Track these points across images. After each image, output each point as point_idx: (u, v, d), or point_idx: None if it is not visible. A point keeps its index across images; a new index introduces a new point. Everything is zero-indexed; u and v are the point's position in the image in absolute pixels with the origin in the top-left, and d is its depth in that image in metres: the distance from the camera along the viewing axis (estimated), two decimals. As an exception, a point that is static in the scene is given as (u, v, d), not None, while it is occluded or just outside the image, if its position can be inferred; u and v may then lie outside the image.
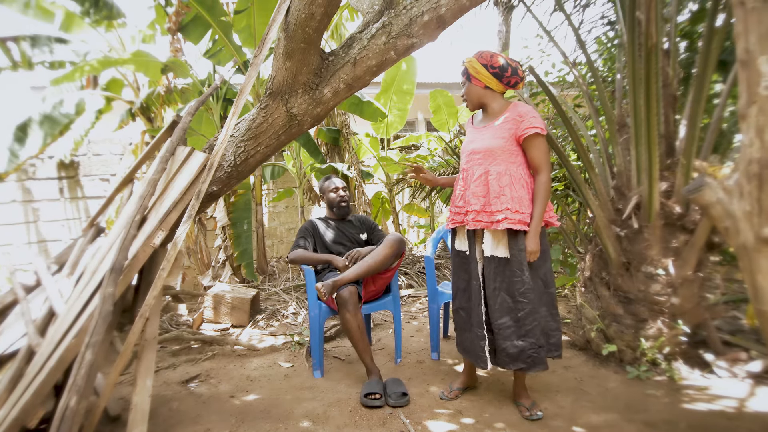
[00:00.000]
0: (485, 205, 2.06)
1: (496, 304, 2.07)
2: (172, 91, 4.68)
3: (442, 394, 2.33)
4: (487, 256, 2.09)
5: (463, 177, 2.18)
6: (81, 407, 1.66)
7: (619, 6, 2.85)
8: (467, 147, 2.18)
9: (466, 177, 2.16)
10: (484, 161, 2.09)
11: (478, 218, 2.07)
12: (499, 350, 2.09)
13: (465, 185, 2.16)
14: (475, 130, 2.19)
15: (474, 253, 2.17)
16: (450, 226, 2.26)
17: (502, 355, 2.08)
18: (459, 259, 2.25)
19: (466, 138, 2.24)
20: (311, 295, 2.63)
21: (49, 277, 2.43)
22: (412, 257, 5.38)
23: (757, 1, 1.20)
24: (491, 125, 2.12)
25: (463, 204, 2.15)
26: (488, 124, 2.13)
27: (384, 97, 5.85)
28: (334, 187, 3.00)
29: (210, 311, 3.71)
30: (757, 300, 1.31)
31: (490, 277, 2.09)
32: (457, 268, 2.27)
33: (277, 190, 6.38)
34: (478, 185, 2.09)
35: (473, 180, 2.11)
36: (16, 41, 4.18)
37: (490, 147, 2.08)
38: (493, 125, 2.11)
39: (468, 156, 2.15)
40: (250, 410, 2.29)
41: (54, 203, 5.32)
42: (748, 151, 1.25)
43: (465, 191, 2.15)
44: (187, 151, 2.25)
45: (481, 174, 2.08)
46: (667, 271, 2.53)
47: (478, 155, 2.11)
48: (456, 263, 2.28)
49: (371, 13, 2.16)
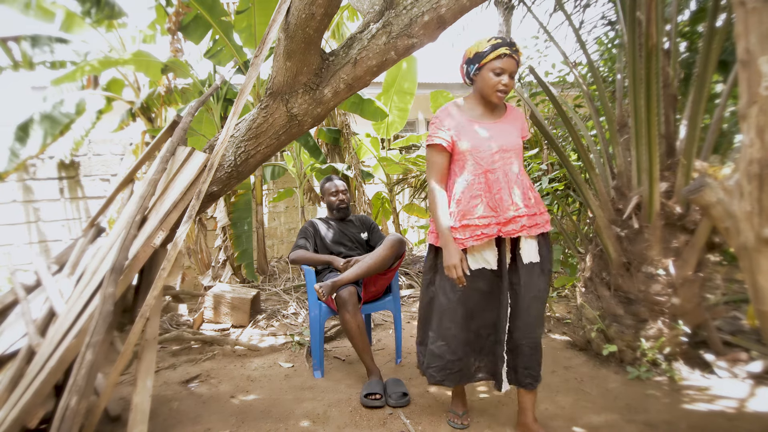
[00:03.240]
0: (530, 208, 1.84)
1: (531, 316, 1.85)
2: (172, 91, 4.69)
3: (452, 422, 2.05)
4: (526, 264, 1.85)
5: (492, 180, 1.83)
6: (81, 407, 1.66)
7: (619, 6, 2.85)
8: (488, 145, 1.83)
9: (495, 179, 1.83)
10: (516, 159, 1.86)
11: (527, 223, 1.82)
12: (524, 368, 1.87)
13: (496, 188, 1.82)
14: (485, 125, 1.88)
15: (503, 266, 1.87)
16: (476, 242, 1.82)
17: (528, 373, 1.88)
18: (475, 279, 1.86)
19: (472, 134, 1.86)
20: (311, 296, 2.63)
21: (49, 277, 2.43)
22: (413, 257, 5.38)
23: (757, 2, 1.20)
24: (505, 119, 1.91)
25: (499, 211, 1.81)
26: (499, 120, 1.90)
27: (384, 97, 5.85)
28: (334, 189, 3.00)
29: (210, 311, 3.71)
30: (757, 300, 1.31)
31: (528, 287, 1.84)
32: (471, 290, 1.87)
33: (277, 190, 6.38)
34: (519, 186, 1.84)
35: (512, 181, 1.83)
36: (17, 41, 4.19)
37: (519, 144, 1.88)
38: (507, 119, 1.91)
39: (494, 155, 1.83)
40: (250, 410, 2.29)
41: (54, 203, 5.32)
42: (749, 152, 1.25)
43: (499, 195, 1.82)
44: (187, 152, 2.25)
45: (517, 173, 1.85)
46: (667, 272, 2.53)
47: (509, 153, 1.85)
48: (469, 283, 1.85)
49: (371, 13, 2.15)
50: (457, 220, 1.82)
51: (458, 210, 1.84)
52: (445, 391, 2.39)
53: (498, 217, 1.81)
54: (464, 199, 1.83)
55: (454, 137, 1.86)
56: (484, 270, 1.87)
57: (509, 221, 1.80)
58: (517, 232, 1.81)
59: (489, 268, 1.86)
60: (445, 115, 1.90)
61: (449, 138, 1.86)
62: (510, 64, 1.78)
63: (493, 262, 1.86)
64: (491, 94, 1.82)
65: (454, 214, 1.84)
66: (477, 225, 1.80)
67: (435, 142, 1.88)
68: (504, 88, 1.80)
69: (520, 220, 1.81)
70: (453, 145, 1.87)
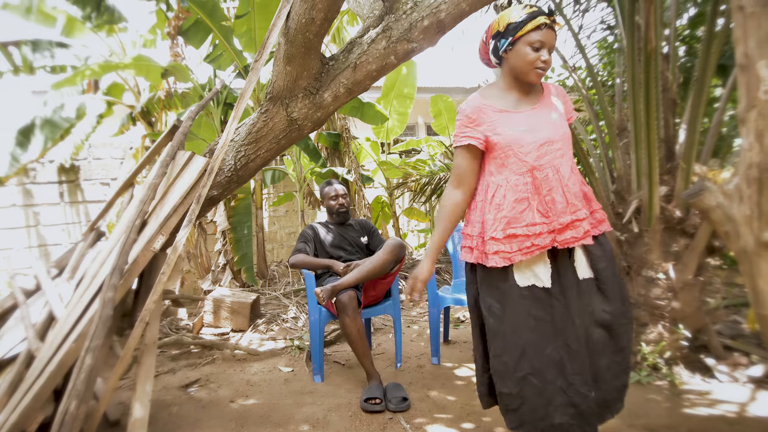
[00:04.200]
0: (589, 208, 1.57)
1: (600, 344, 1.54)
2: (172, 95, 4.70)
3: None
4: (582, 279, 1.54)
5: (541, 178, 1.51)
6: (80, 412, 1.66)
7: (618, 10, 2.86)
8: (531, 137, 1.52)
9: (545, 178, 1.51)
10: (566, 152, 1.56)
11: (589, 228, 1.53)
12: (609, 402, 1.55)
13: (546, 189, 1.51)
14: (523, 113, 1.56)
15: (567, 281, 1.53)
16: (527, 256, 1.49)
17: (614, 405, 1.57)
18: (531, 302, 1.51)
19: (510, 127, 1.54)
20: (311, 300, 2.62)
21: (49, 281, 2.43)
22: (413, 261, 5.37)
23: (756, 6, 1.21)
24: (544, 102, 1.60)
25: (551, 216, 1.50)
26: (537, 104, 1.59)
27: (384, 101, 5.86)
28: (334, 194, 3.01)
29: (210, 315, 3.70)
30: (757, 304, 1.31)
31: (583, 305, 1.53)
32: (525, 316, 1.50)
33: (277, 195, 6.38)
34: (574, 184, 1.55)
35: (566, 177, 1.52)
36: (18, 46, 4.20)
37: (567, 133, 1.58)
38: (546, 102, 1.60)
39: (540, 148, 1.52)
40: (249, 415, 2.28)
41: (54, 207, 5.32)
42: (748, 155, 1.25)
43: (550, 196, 1.51)
44: (187, 156, 2.25)
45: (571, 168, 1.55)
46: (667, 276, 2.53)
47: (557, 144, 1.54)
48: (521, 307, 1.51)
49: (371, 17, 2.16)
50: (500, 230, 1.50)
51: (500, 217, 1.51)
52: (445, 396, 2.38)
53: (551, 224, 1.49)
54: (507, 204, 1.51)
55: (487, 133, 1.54)
56: (535, 289, 1.51)
57: (566, 227, 1.49)
58: (579, 240, 1.49)
59: (540, 285, 1.51)
60: (473, 109, 1.57)
61: (482, 135, 1.55)
62: (550, 37, 1.49)
63: (546, 279, 1.51)
64: (529, 71, 1.51)
65: (493, 222, 1.52)
66: (527, 234, 1.49)
67: (464, 144, 1.57)
68: (543, 65, 1.50)
69: (581, 224, 1.50)
70: (487, 143, 1.56)
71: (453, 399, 2.35)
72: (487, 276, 1.57)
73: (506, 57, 1.56)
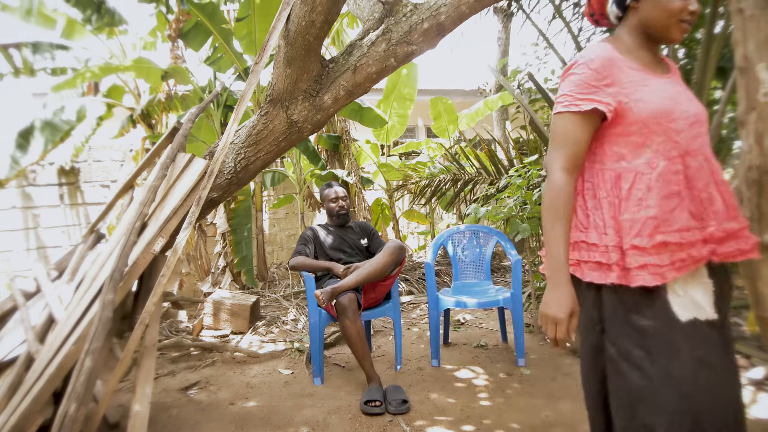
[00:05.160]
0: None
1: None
2: (172, 97, 4.71)
3: None
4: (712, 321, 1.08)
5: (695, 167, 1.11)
6: (80, 414, 1.66)
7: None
8: (684, 109, 1.13)
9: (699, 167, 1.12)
10: (707, 136, 1.18)
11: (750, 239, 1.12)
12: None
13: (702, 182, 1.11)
14: (663, 79, 1.16)
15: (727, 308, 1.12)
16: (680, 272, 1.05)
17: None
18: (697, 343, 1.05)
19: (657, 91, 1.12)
20: (311, 302, 2.62)
21: (48, 283, 2.43)
22: (413, 264, 5.37)
23: (755, 9, 1.21)
24: (676, 74, 1.22)
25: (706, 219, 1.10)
26: (671, 73, 1.21)
27: (384, 103, 5.87)
28: (333, 196, 3.01)
29: (210, 318, 3.70)
30: (757, 307, 1.31)
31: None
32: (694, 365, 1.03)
33: (277, 197, 6.39)
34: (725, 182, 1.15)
35: (719, 172, 1.14)
36: (18, 48, 4.21)
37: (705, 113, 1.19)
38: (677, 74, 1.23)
39: (693, 127, 1.13)
40: (249, 417, 2.28)
41: (54, 209, 5.32)
42: (748, 158, 1.25)
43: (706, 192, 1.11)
44: (187, 158, 2.25)
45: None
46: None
47: (705, 127, 1.17)
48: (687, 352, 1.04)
49: (371, 20, 2.17)
50: (646, 235, 1.06)
51: (644, 217, 1.07)
52: (445, 399, 2.38)
53: (705, 229, 1.09)
54: (654, 199, 1.07)
55: (621, 98, 1.11)
56: (698, 323, 1.06)
57: (728, 236, 1.09)
58: (747, 254, 1.11)
59: (704, 318, 1.06)
60: (603, 61, 1.12)
61: (612, 101, 1.11)
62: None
63: (708, 306, 1.07)
64: (671, 25, 1.12)
65: (633, 225, 1.08)
66: (679, 243, 1.06)
67: (588, 109, 1.11)
68: (690, 18, 1.12)
69: (746, 234, 1.12)
70: (615, 113, 1.12)
71: (453, 401, 2.35)
72: (620, 305, 1.10)
73: (637, 7, 1.15)
